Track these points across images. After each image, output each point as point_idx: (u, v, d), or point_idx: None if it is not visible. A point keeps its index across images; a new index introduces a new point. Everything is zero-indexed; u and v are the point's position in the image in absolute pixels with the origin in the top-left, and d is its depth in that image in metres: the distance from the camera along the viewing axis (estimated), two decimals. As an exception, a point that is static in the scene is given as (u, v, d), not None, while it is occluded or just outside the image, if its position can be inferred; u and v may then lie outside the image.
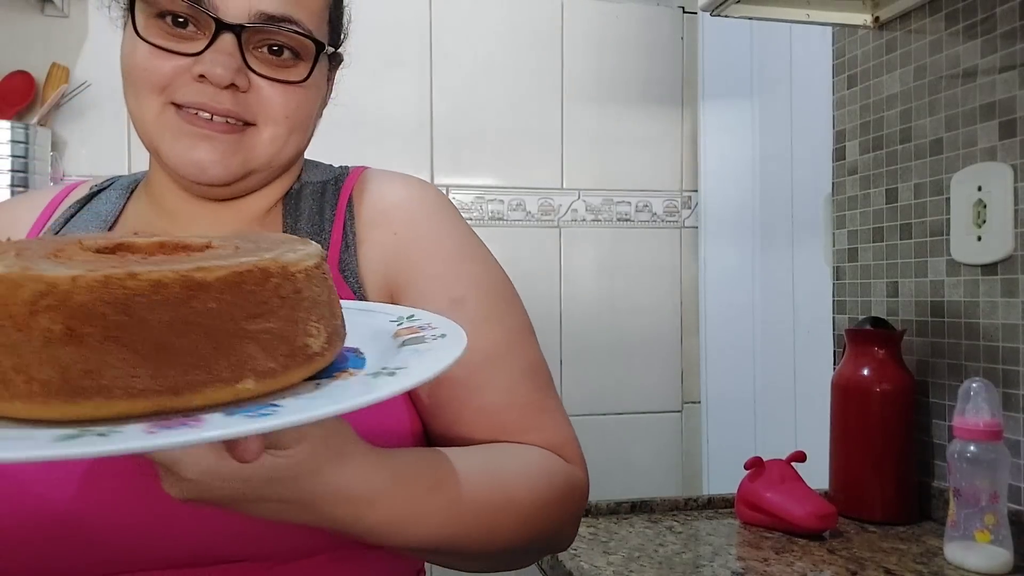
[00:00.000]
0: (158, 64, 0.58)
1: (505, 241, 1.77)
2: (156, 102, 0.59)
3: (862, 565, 0.88)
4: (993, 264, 0.98)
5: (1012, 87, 0.96)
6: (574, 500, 0.60)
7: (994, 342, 0.98)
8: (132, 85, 0.59)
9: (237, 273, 0.35)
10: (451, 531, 0.51)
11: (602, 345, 1.82)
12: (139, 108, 0.60)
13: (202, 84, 0.58)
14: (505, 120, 1.77)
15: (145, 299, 0.32)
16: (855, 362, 1.06)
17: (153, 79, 0.58)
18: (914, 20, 1.11)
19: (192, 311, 0.33)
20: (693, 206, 1.86)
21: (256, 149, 0.61)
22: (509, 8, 1.77)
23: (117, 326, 0.32)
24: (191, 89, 0.58)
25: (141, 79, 0.59)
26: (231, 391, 0.34)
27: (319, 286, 0.39)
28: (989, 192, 0.98)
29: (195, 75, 0.58)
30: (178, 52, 0.58)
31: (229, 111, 0.59)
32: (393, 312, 0.49)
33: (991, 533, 0.85)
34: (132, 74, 0.59)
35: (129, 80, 0.60)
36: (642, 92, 1.85)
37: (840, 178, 1.27)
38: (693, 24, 1.86)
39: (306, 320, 0.37)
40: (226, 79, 0.57)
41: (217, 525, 0.50)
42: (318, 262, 0.40)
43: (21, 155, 1.44)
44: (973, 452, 0.85)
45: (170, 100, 0.59)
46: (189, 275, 0.33)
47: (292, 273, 0.37)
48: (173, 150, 0.59)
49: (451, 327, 0.44)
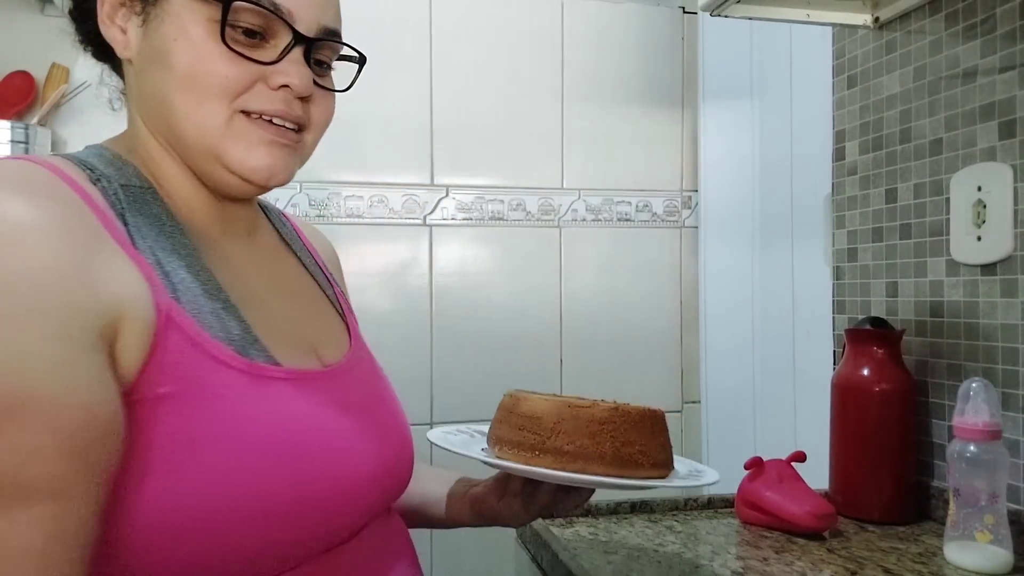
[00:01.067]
0: (236, 72, 0.59)
1: (505, 241, 1.77)
2: (226, 109, 0.59)
3: (861, 565, 0.88)
4: (993, 264, 0.98)
5: (1012, 87, 0.96)
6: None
7: (993, 342, 0.98)
8: (197, 91, 0.59)
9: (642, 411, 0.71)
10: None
11: (602, 345, 1.82)
12: (201, 113, 0.59)
13: (280, 92, 0.61)
14: (505, 120, 1.77)
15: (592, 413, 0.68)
16: (855, 362, 1.06)
17: (228, 85, 0.59)
18: (914, 20, 1.11)
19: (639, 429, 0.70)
20: (693, 206, 1.86)
21: (303, 153, 0.66)
22: (509, 8, 1.77)
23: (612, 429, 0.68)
24: (267, 97, 0.60)
25: (213, 85, 0.58)
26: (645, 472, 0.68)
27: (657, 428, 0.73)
28: (989, 192, 0.98)
29: (274, 84, 0.60)
30: (256, 60, 0.59)
31: (299, 118, 0.63)
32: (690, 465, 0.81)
33: (991, 533, 0.85)
34: (202, 80, 0.58)
35: (193, 85, 0.58)
36: (642, 92, 1.85)
37: (840, 178, 1.27)
38: (693, 24, 1.86)
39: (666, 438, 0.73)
40: (308, 89, 0.61)
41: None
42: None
43: (21, 155, 1.44)
44: (972, 452, 0.85)
45: (240, 108, 0.60)
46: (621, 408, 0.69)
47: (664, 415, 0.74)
48: (247, 156, 0.60)
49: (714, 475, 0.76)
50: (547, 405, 0.67)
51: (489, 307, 1.76)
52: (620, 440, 0.66)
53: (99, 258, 0.49)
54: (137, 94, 0.63)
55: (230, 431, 0.53)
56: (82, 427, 0.45)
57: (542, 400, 0.68)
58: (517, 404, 0.70)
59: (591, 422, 0.66)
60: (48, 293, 0.46)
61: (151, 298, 0.52)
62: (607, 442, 0.65)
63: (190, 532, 0.51)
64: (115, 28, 0.62)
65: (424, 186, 1.73)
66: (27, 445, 0.43)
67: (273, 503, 0.54)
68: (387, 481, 0.66)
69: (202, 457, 0.51)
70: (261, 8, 0.59)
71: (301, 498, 0.56)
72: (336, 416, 0.61)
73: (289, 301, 0.70)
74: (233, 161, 0.60)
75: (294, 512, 0.55)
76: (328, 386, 0.63)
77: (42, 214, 0.48)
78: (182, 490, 0.50)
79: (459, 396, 1.70)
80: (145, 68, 0.61)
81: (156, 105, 0.61)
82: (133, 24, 0.61)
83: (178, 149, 0.62)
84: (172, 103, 0.59)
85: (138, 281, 0.51)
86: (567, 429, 0.65)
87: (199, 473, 0.51)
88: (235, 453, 0.53)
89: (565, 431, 0.65)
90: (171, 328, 0.52)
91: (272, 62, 0.60)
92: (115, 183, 0.57)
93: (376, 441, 0.64)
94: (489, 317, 1.76)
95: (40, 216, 0.47)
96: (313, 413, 0.60)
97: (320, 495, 0.57)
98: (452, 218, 1.74)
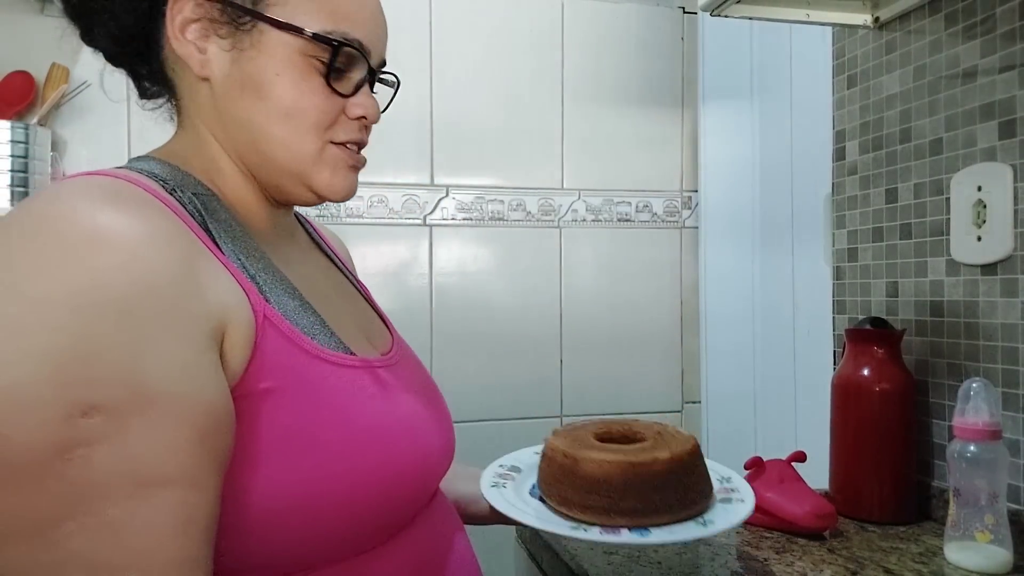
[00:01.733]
0: (330, 106, 0.64)
1: (505, 241, 1.77)
2: (319, 140, 0.64)
3: (862, 565, 0.88)
4: (993, 264, 0.98)
5: (1012, 87, 0.96)
6: None
7: (994, 342, 0.98)
8: (296, 122, 0.63)
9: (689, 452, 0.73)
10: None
11: (602, 345, 1.82)
12: (300, 145, 0.64)
13: (357, 123, 0.66)
14: (505, 120, 1.77)
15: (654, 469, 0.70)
16: (855, 362, 1.06)
17: (323, 120, 0.64)
18: (914, 20, 1.11)
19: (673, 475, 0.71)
20: (693, 206, 1.86)
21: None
22: (509, 8, 1.77)
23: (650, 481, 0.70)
24: (350, 127, 0.66)
25: (312, 119, 0.63)
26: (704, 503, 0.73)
27: (700, 460, 0.74)
28: (989, 192, 0.98)
29: (353, 115, 0.66)
30: (343, 95, 0.65)
31: (364, 141, 0.69)
32: (717, 472, 0.81)
33: (991, 533, 0.85)
34: (302, 114, 0.63)
35: (292, 118, 0.63)
36: (642, 92, 1.85)
37: (840, 178, 1.27)
38: (693, 24, 1.86)
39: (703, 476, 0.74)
40: (379, 118, 0.68)
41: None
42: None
43: (21, 155, 1.44)
44: (973, 452, 0.85)
45: (330, 139, 0.65)
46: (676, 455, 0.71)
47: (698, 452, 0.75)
48: (334, 179, 0.66)
49: (748, 492, 0.76)
50: (612, 468, 0.70)
51: (489, 307, 1.76)
52: (683, 487, 0.71)
53: (200, 265, 0.53)
54: (213, 112, 0.65)
55: (336, 416, 0.58)
56: (207, 421, 0.50)
57: (604, 462, 0.70)
58: (577, 465, 0.72)
59: (655, 476, 0.70)
60: (165, 299, 0.49)
61: (247, 300, 0.56)
62: (672, 492, 0.70)
63: (300, 512, 0.55)
64: (190, 45, 0.63)
65: (424, 186, 1.73)
66: (163, 438, 0.48)
67: (374, 479, 0.59)
68: (448, 454, 0.73)
69: (310, 442, 0.56)
70: (354, 49, 0.64)
71: (395, 474, 0.61)
72: (408, 399, 0.67)
73: (339, 296, 0.75)
74: (321, 184, 0.66)
75: (389, 487, 0.60)
76: (393, 373, 0.68)
77: (145, 225, 0.50)
78: (293, 474, 0.55)
79: (459, 396, 1.70)
80: (232, 92, 0.63)
81: (241, 128, 0.64)
82: (215, 46, 0.63)
83: (258, 167, 0.66)
84: (267, 130, 0.63)
85: (234, 284, 0.55)
86: (635, 490, 0.69)
87: (308, 457, 0.55)
88: (344, 436, 0.58)
89: (633, 492, 0.69)
90: (268, 326, 0.56)
91: (351, 95, 0.65)
92: (188, 191, 0.60)
93: (438, 420, 0.71)
94: (489, 317, 1.75)
95: (143, 227, 0.50)
96: (392, 397, 0.65)
97: (408, 470, 0.63)
98: (452, 218, 1.74)
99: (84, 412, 0.45)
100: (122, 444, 0.46)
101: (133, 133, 1.59)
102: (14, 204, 1.43)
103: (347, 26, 0.63)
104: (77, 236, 0.48)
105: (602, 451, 0.72)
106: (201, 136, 0.66)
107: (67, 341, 0.46)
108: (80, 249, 0.47)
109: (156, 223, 0.51)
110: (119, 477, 0.46)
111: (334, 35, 0.62)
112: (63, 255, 0.47)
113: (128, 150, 1.59)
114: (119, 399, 0.46)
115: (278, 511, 0.54)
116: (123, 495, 0.46)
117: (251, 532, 0.54)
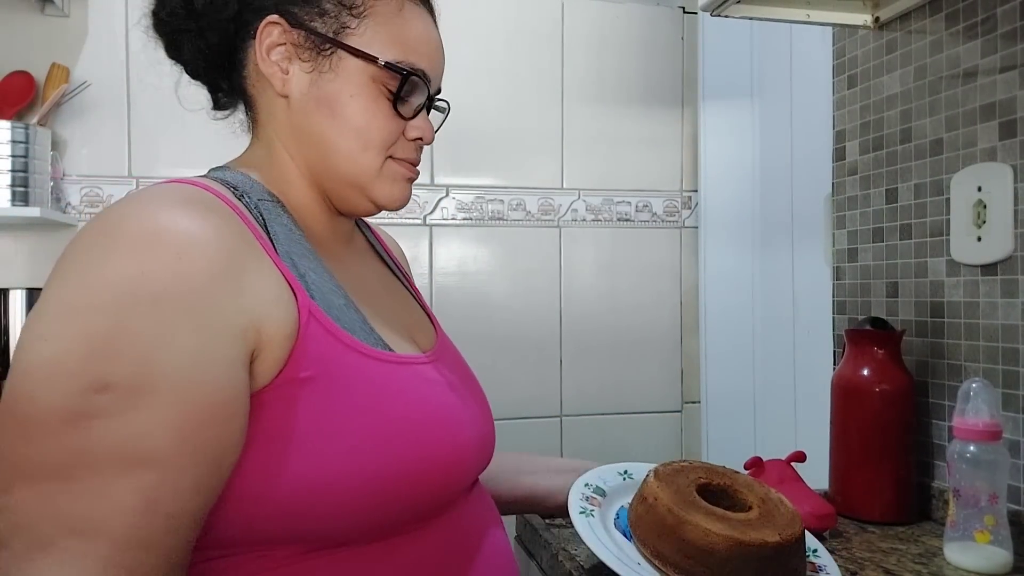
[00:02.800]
0: (393, 127, 0.71)
1: (505, 241, 1.77)
2: (380, 157, 0.71)
3: (861, 565, 0.87)
4: (993, 264, 0.98)
5: (1012, 87, 0.96)
6: None
7: (994, 342, 0.98)
8: (364, 140, 0.70)
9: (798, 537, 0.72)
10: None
11: (602, 345, 1.82)
12: (365, 159, 0.71)
13: (415, 143, 0.74)
14: (505, 120, 1.77)
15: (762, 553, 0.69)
16: (855, 362, 1.06)
17: (387, 139, 0.71)
18: (914, 20, 1.11)
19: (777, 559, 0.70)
20: (693, 206, 1.86)
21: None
22: (509, 8, 1.77)
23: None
24: (408, 147, 0.73)
25: (378, 139, 0.70)
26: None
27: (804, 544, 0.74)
28: (989, 192, 0.98)
29: (411, 136, 0.73)
30: (405, 118, 0.72)
31: (419, 160, 0.76)
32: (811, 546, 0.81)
33: (991, 534, 0.84)
34: (370, 134, 0.70)
35: (361, 136, 0.70)
36: (642, 92, 1.85)
37: (840, 178, 1.27)
38: (693, 24, 1.86)
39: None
40: (433, 140, 0.75)
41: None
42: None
43: (21, 155, 1.44)
44: (973, 452, 0.85)
45: (390, 155, 0.72)
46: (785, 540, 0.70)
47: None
48: (392, 192, 0.73)
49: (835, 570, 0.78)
50: (718, 541, 0.69)
51: (489, 307, 1.76)
52: (786, 569, 0.71)
53: (249, 264, 0.59)
54: (287, 126, 0.72)
55: (369, 406, 0.62)
56: (203, 412, 0.53)
57: (711, 532, 0.70)
58: (681, 527, 0.71)
59: (761, 560, 0.69)
60: (198, 294, 0.54)
61: (294, 297, 0.61)
62: (771, 573, 0.70)
63: (330, 491, 0.59)
64: (274, 65, 0.70)
65: (424, 186, 1.73)
66: (155, 421, 0.52)
67: (403, 467, 0.63)
68: (484, 448, 0.76)
69: (343, 428, 0.60)
70: (419, 78, 0.71)
71: (423, 462, 0.64)
72: (444, 392, 0.71)
73: (387, 296, 0.81)
74: (381, 196, 0.73)
75: (418, 474, 0.64)
76: (431, 368, 0.73)
77: (199, 227, 0.57)
78: (325, 456, 0.59)
79: (459, 396, 1.70)
80: (307, 109, 0.70)
81: (313, 141, 0.71)
82: (297, 68, 0.70)
83: (322, 177, 0.72)
84: (336, 145, 0.70)
85: (282, 283, 0.61)
86: (737, 566, 0.69)
87: (339, 442, 0.60)
88: (376, 424, 0.62)
89: (735, 568, 0.69)
90: (312, 322, 0.61)
91: (411, 118, 0.72)
92: (254, 198, 0.67)
93: (474, 414, 0.75)
94: (489, 317, 1.75)
95: (197, 229, 0.56)
96: (426, 391, 0.69)
97: (438, 460, 0.66)
98: (452, 218, 1.74)
99: (99, 389, 0.51)
100: (121, 422, 0.51)
101: (133, 133, 1.59)
102: (14, 204, 1.43)
103: (415, 58, 0.71)
104: (139, 234, 0.55)
105: (708, 518, 0.71)
106: (274, 148, 0.73)
107: (103, 325, 0.52)
108: (138, 245, 0.54)
109: (214, 226, 0.57)
110: (108, 451, 0.51)
111: (403, 64, 0.70)
112: (123, 249, 0.54)
113: (128, 150, 1.59)
114: (129, 381, 0.51)
115: (310, 489, 0.58)
116: (107, 468, 0.50)
117: (282, 505, 0.58)
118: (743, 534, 0.70)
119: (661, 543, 0.72)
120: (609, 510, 0.81)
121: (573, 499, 0.80)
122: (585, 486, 0.84)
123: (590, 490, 0.83)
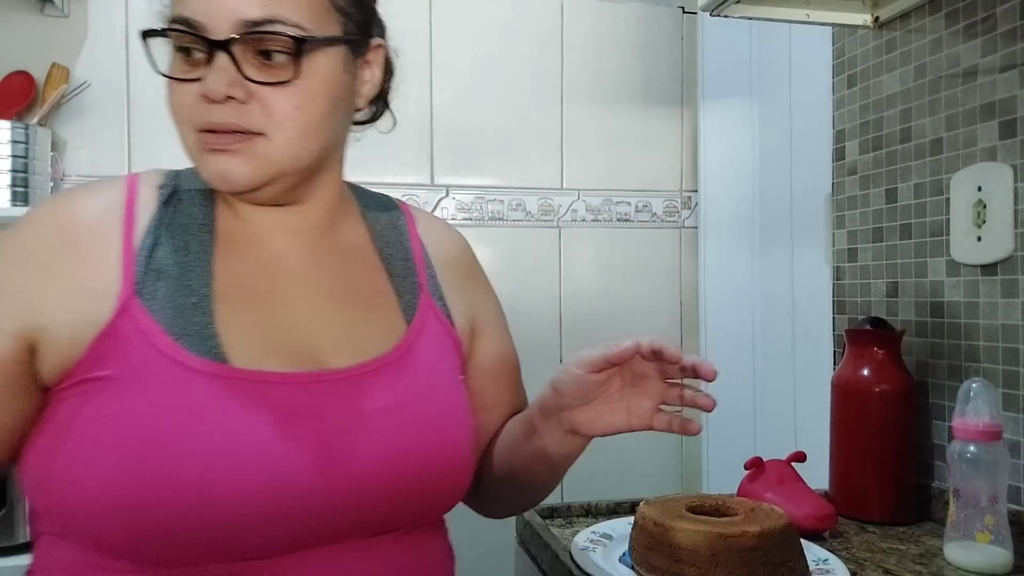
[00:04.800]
0: (181, 98, 0.63)
1: (505, 241, 1.77)
2: (191, 132, 0.63)
3: (861, 565, 0.87)
4: (993, 264, 0.98)
5: (1012, 87, 0.95)
6: None
7: (994, 342, 0.98)
8: (175, 122, 0.64)
9: (780, 528, 0.74)
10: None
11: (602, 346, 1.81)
12: (184, 140, 0.64)
13: (207, 104, 0.61)
14: (505, 120, 1.77)
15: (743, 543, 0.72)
16: (855, 362, 1.06)
17: (181, 112, 0.63)
18: (914, 20, 1.11)
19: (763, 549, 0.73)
20: (693, 206, 1.86)
21: (271, 156, 0.63)
22: (509, 8, 1.77)
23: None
24: (201, 110, 0.61)
25: (176, 114, 0.63)
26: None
27: (793, 539, 0.76)
28: (989, 192, 0.98)
29: (200, 98, 0.61)
30: (189, 80, 0.62)
31: (232, 124, 0.61)
32: (814, 554, 0.84)
33: (991, 534, 0.84)
34: (171, 111, 0.64)
35: (173, 118, 0.64)
36: (642, 92, 1.85)
37: (840, 178, 1.27)
38: (693, 24, 1.86)
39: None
40: (220, 93, 0.60)
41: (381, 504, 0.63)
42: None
43: (21, 155, 1.44)
44: (973, 453, 0.85)
45: (196, 128, 0.62)
46: (766, 530, 0.73)
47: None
48: (204, 167, 0.64)
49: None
50: (700, 538, 0.73)
51: (489, 307, 1.75)
52: (773, 563, 0.73)
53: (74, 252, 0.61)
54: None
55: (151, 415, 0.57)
56: None
57: (693, 532, 0.73)
58: (666, 534, 0.75)
59: (744, 551, 0.72)
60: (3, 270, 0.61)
61: (118, 290, 0.60)
62: (761, 568, 0.72)
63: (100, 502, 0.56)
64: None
65: (424, 186, 1.73)
66: None
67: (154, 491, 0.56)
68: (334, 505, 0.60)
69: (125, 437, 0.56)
70: (174, 31, 0.61)
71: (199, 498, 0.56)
72: (269, 424, 0.59)
73: (322, 302, 0.68)
74: (201, 173, 0.65)
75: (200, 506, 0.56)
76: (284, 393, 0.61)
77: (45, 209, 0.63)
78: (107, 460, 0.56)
79: (459, 396, 1.70)
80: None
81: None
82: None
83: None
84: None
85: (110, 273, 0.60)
86: (723, 560, 0.71)
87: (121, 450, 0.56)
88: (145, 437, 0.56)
89: (722, 563, 0.71)
90: (125, 319, 0.59)
91: (186, 79, 0.62)
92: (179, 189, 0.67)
93: (323, 462, 0.60)
94: (489, 317, 1.75)
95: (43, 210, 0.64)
96: (234, 416, 0.58)
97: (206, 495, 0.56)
98: (452, 218, 1.74)
99: None
100: None
101: (133, 133, 1.59)
102: (14, 204, 1.43)
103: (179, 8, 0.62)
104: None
105: (692, 521, 0.75)
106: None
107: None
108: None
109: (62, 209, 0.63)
110: None
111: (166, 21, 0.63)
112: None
113: (128, 150, 1.59)
114: None
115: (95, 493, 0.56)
116: None
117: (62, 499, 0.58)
118: (725, 528, 0.73)
119: (653, 555, 0.75)
120: (613, 550, 0.86)
121: (578, 541, 0.84)
122: (592, 532, 0.89)
123: (596, 535, 0.89)
